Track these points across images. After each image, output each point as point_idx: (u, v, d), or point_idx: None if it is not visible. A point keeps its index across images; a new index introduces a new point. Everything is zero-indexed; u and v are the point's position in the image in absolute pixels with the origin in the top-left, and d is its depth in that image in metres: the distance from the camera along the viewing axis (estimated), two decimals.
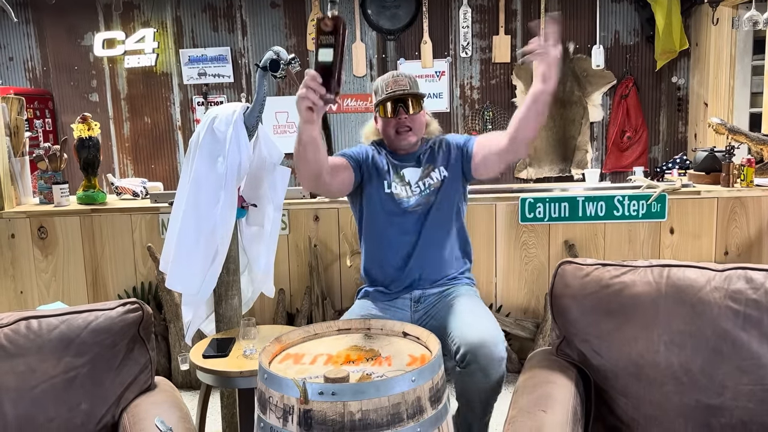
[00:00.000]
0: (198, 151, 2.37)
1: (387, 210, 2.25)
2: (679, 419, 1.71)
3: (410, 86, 2.23)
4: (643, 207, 3.30)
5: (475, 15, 5.38)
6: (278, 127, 5.59)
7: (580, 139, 5.37)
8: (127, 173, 5.84)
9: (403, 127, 2.23)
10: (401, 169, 2.29)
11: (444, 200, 2.26)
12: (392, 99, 2.21)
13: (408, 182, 2.27)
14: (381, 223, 2.28)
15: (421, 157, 2.31)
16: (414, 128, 2.25)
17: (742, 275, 1.74)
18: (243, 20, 5.58)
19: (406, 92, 2.21)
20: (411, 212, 2.24)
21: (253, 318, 2.25)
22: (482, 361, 1.89)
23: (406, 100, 2.21)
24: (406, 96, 2.21)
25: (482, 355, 1.89)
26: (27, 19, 5.69)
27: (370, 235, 2.33)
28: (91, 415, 1.75)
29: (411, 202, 2.25)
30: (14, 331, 1.75)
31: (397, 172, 2.29)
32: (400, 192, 2.26)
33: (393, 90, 2.21)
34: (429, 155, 2.31)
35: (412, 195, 2.26)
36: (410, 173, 2.29)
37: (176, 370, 3.39)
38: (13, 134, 3.60)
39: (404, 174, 2.29)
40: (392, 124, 2.24)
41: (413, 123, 2.24)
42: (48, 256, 3.46)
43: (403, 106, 2.22)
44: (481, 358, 1.89)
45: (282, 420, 1.46)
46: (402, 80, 2.23)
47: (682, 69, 5.32)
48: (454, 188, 2.29)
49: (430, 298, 2.26)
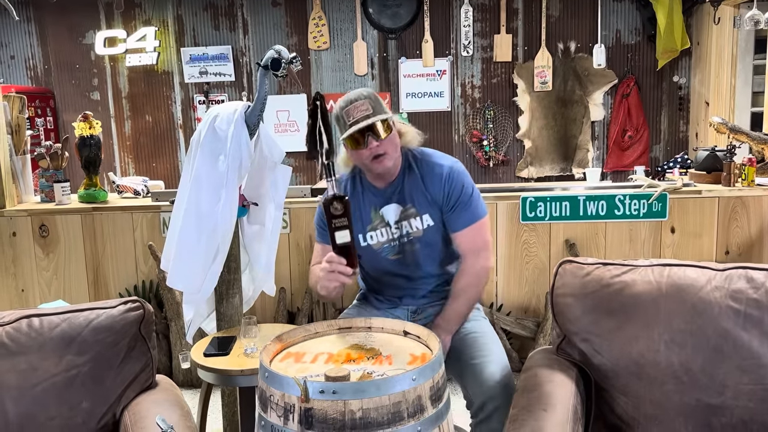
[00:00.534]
0: (199, 150, 2.37)
1: (369, 258, 2.14)
2: (679, 418, 1.71)
3: (372, 108, 1.96)
4: (644, 206, 3.30)
5: (476, 14, 5.37)
6: (279, 126, 5.59)
7: (581, 138, 5.37)
8: (128, 172, 5.84)
9: (376, 155, 1.97)
10: (380, 207, 2.09)
11: (428, 243, 2.09)
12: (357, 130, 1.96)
13: (387, 222, 2.09)
14: (367, 264, 2.18)
15: (403, 191, 2.07)
16: (389, 152, 1.99)
17: (742, 275, 1.74)
18: (244, 19, 5.58)
19: (369, 118, 1.94)
20: (394, 259, 2.11)
21: (254, 316, 2.25)
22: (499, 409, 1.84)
23: (373, 127, 1.95)
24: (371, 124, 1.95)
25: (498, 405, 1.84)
26: (28, 17, 5.70)
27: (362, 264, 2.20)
28: (92, 413, 1.75)
29: (391, 251, 2.10)
30: (16, 329, 1.76)
31: (376, 211, 2.09)
32: (378, 239, 2.09)
33: (355, 118, 1.95)
34: (411, 191, 2.06)
35: (391, 241, 2.08)
36: (389, 212, 2.08)
37: (177, 368, 3.39)
38: (14, 132, 3.60)
39: (383, 214, 2.09)
40: (364, 155, 1.98)
41: (387, 147, 1.98)
42: (49, 255, 3.46)
43: (372, 134, 1.95)
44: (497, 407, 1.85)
45: (283, 418, 1.46)
46: (361, 105, 1.96)
47: (684, 68, 5.31)
48: (442, 233, 2.09)
49: (428, 310, 2.18)
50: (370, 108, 1.96)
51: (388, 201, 2.08)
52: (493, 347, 2.01)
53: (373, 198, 2.10)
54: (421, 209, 2.06)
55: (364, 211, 2.10)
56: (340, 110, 2.00)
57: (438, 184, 2.05)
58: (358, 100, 1.97)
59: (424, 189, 2.06)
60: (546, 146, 5.41)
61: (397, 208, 2.08)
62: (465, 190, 2.05)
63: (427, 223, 2.06)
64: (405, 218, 2.07)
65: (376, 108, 1.97)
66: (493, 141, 5.47)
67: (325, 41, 5.50)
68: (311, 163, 5.67)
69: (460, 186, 2.05)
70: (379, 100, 2.01)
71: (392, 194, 2.08)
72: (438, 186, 2.05)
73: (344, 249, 1.83)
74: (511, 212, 3.36)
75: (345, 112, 1.98)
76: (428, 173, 2.07)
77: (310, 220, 3.39)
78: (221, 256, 2.43)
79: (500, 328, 3.39)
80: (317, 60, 5.56)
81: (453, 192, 2.04)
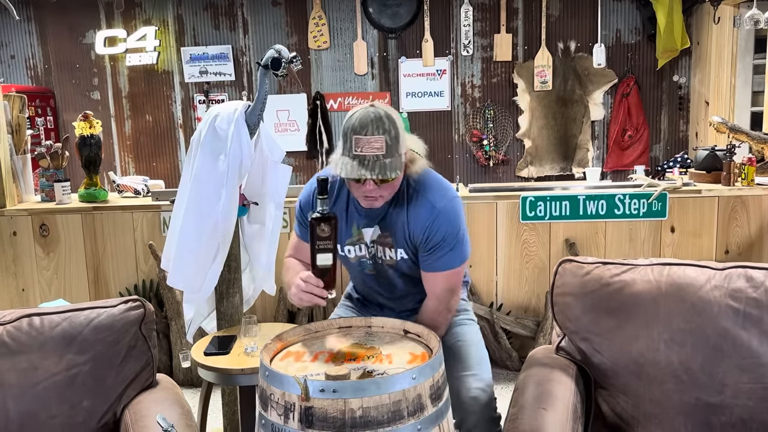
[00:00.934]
0: (200, 149, 2.37)
1: (349, 265, 2.05)
2: (679, 417, 1.71)
3: (387, 149, 1.70)
4: (643, 206, 3.31)
5: (476, 13, 5.38)
6: (279, 125, 5.59)
7: (581, 137, 5.37)
8: (128, 171, 5.84)
9: (370, 194, 1.78)
10: (361, 226, 1.92)
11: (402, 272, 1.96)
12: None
13: (364, 242, 1.93)
14: (348, 270, 2.11)
15: (386, 216, 1.88)
16: (384, 196, 1.80)
17: (742, 274, 1.75)
18: (244, 18, 5.58)
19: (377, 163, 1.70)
20: (370, 274, 2.01)
21: (254, 316, 2.25)
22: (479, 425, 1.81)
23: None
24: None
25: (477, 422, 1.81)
26: (29, 17, 5.70)
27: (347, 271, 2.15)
28: (93, 412, 1.75)
29: (368, 266, 1.98)
30: (17, 328, 1.76)
31: (358, 228, 1.93)
32: (356, 253, 1.97)
33: (360, 154, 1.70)
34: (393, 222, 1.88)
35: (367, 258, 1.96)
36: (367, 233, 1.92)
37: (177, 367, 3.40)
38: (15, 132, 3.60)
39: (363, 232, 1.93)
40: (358, 190, 1.79)
41: (384, 192, 1.78)
42: (50, 254, 3.47)
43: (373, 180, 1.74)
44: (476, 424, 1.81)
45: (283, 417, 1.46)
46: (375, 142, 1.69)
47: (684, 68, 5.32)
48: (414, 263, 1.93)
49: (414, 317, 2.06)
50: (384, 148, 1.70)
51: (369, 223, 1.91)
52: (476, 360, 1.92)
53: (357, 215, 1.92)
54: (398, 243, 1.89)
55: (347, 223, 1.94)
56: (351, 131, 1.72)
57: (421, 225, 1.84)
58: (374, 135, 1.69)
59: (406, 224, 1.86)
60: (546, 146, 5.41)
61: (377, 230, 1.91)
62: (448, 236, 1.85)
63: (401, 256, 1.91)
64: (381, 244, 1.91)
65: (390, 148, 1.71)
66: (493, 140, 5.47)
67: (325, 41, 5.51)
68: (311, 162, 5.67)
69: (443, 231, 1.84)
70: (398, 135, 1.73)
71: (375, 218, 1.90)
72: (420, 227, 1.85)
73: (324, 271, 1.75)
74: (511, 212, 3.37)
75: (355, 139, 1.71)
76: (415, 209, 1.86)
77: None
78: (221, 256, 2.43)
79: (500, 327, 3.40)
80: (317, 59, 5.56)
81: (433, 238, 1.84)
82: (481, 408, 1.81)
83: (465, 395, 1.83)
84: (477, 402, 1.81)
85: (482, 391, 1.83)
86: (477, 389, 1.83)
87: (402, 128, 1.77)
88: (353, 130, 1.71)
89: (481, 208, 3.35)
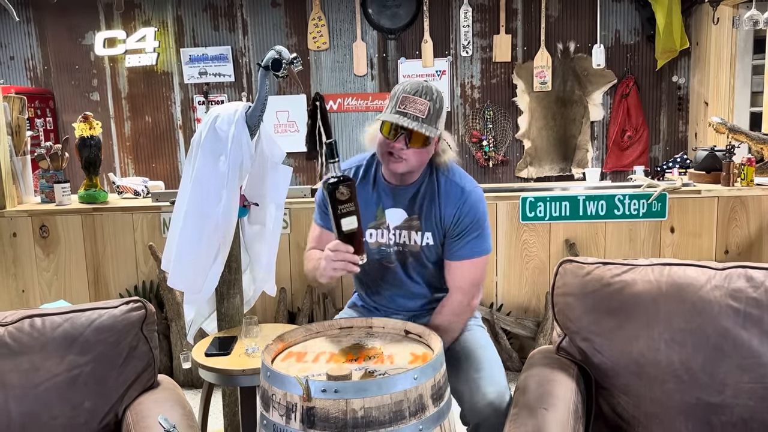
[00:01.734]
0: (200, 151, 2.37)
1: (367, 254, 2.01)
2: (679, 417, 1.71)
3: (428, 115, 1.80)
4: (643, 206, 3.31)
5: (475, 14, 5.38)
6: (279, 126, 5.59)
7: (581, 138, 5.37)
8: (128, 172, 5.84)
9: (396, 154, 1.84)
10: (386, 206, 1.96)
11: (421, 262, 1.98)
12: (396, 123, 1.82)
13: (387, 226, 1.96)
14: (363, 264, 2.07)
15: (414, 200, 1.94)
16: (409, 161, 1.85)
17: (742, 274, 1.75)
18: (244, 19, 5.58)
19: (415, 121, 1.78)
20: (388, 266, 2.00)
21: (255, 316, 2.25)
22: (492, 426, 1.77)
23: (411, 132, 1.81)
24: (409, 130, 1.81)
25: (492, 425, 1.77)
26: (28, 18, 5.70)
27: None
28: (95, 412, 1.75)
29: (389, 257, 1.99)
30: (18, 329, 1.76)
31: (382, 211, 1.96)
32: (377, 240, 1.97)
33: (403, 111, 1.79)
34: (422, 204, 1.93)
35: (390, 246, 1.97)
36: (392, 214, 1.96)
37: (178, 368, 3.40)
38: (14, 133, 3.61)
39: (387, 214, 1.96)
40: (386, 145, 1.85)
41: (410, 156, 1.84)
42: (50, 255, 3.47)
43: (405, 135, 1.81)
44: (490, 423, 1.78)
45: (285, 417, 1.46)
46: (421, 104, 1.80)
47: (683, 68, 5.33)
48: (440, 253, 1.97)
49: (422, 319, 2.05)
50: (425, 113, 1.79)
51: (396, 204, 1.95)
52: (488, 363, 1.92)
53: (383, 195, 1.97)
54: (426, 226, 1.93)
55: (369, 205, 1.96)
56: (402, 91, 1.82)
57: (452, 205, 1.91)
58: (422, 97, 1.80)
59: (437, 203, 1.92)
60: (545, 146, 5.41)
61: (403, 214, 1.95)
62: (478, 220, 1.91)
63: (427, 242, 1.94)
64: (407, 228, 1.95)
65: (431, 117, 1.80)
66: (493, 141, 5.47)
67: (324, 42, 5.51)
68: (311, 163, 5.68)
69: (474, 214, 1.91)
70: (440, 110, 1.85)
71: (403, 198, 1.95)
72: (452, 207, 1.91)
73: (350, 236, 1.71)
74: (511, 212, 3.37)
75: (403, 97, 1.81)
76: (446, 190, 1.93)
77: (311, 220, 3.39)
78: (222, 257, 2.43)
79: (500, 328, 3.40)
80: (317, 60, 5.57)
81: (464, 218, 1.90)
82: (498, 414, 1.76)
83: (480, 400, 1.79)
84: (492, 407, 1.77)
85: (499, 395, 1.79)
86: (493, 393, 1.79)
87: (445, 110, 1.88)
88: (403, 90, 1.82)
89: None
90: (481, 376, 1.86)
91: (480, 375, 1.86)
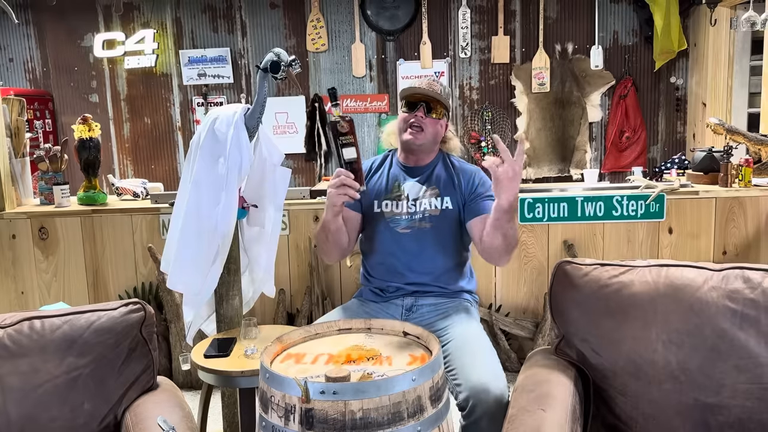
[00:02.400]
0: (199, 152, 2.38)
1: (378, 228, 2.20)
2: (677, 418, 1.72)
3: (441, 93, 2.16)
4: (641, 207, 3.32)
5: (474, 15, 5.39)
6: (278, 128, 5.60)
7: (579, 139, 5.38)
8: (127, 174, 5.85)
9: (415, 124, 2.14)
10: (404, 181, 2.21)
11: (440, 227, 2.16)
12: (416, 95, 2.15)
13: (406, 196, 2.19)
14: (374, 236, 2.22)
15: (431, 175, 2.21)
16: (426, 131, 2.15)
17: (739, 275, 1.75)
18: (242, 21, 5.59)
19: (432, 93, 2.13)
20: (402, 233, 2.16)
21: (254, 318, 2.26)
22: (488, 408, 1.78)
23: (429, 101, 2.14)
24: (429, 98, 2.14)
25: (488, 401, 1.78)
26: (27, 20, 5.70)
27: (366, 243, 2.29)
28: (94, 414, 1.76)
29: (402, 224, 2.16)
30: (17, 331, 1.76)
31: (398, 184, 2.21)
32: (393, 210, 2.18)
33: (422, 85, 2.15)
34: (439, 177, 2.20)
35: (405, 214, 2.17)
36: (410, 187, 2.20)
37: (177, 370, 3.40)
38: (13, 135, 3.61)
39: (404, 188, 2.20)
40: (407, 117, 2.16)
41: (427, 126, 2.14)
42: (49, 257, 3.47)
43: (425, 106, 2.13)
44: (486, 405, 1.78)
45: (284, 419, 1.47)
46: (436, 85, 2.17)
47: (681, 69, 5.34)
48: (454, 218, 2.18)
49: (423, 308, 2.18)
50: (439, 92, 2.14)
51: (413, 178, 2.20)
52: (485, 351, 1.97)
53: (400, 172, 2.23)
54: (445, 191, 2.17)
55: (389, 181, 2.21)
56: (417, 80, 2.20)
57: (468, 175, 2.20)
58: (435, 83, 2.17)
59: (454, 177, 2.19)
60: (544, 147, 5.42)
61: (420, 187, 2.18)
62: (489, 189, 2.12)
63: (446, 205, 2.15)
64: (425, 197, 2.17)
65: (444, 99, 2.15)
66: (492, 142, 5.48)
67: (323, 43, 5.52)
68: (310, 164, 5.69)
69: (487, 182, 2.15)
70: (448, 97, 2.22)
71: (419, 175, 2.20)
72: (467, 176, 2.19)
73: (351, 165, 1.95)
74: None
75: (418, 82, 2.16)
76: (461, 167, 2.23)
77: (310, 221, 3.40)
78: (221, 258, 2.43)
79: (499, 328, 3.40)
80: (315, 62, 5.57)
81: (479, 185, 2.17)
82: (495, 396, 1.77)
83: (476, 381, 1.80)
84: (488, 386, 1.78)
85: (495, 376, 1.82)
86: (489, 375, 1.82)
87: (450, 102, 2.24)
88: (419, 79, 2.22)
89: None
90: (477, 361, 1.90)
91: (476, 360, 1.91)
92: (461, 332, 2.05)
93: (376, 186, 2.23)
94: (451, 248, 2.19)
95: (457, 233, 2.19)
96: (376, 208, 2.19)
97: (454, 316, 2.14)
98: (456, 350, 1.97)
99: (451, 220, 2.16)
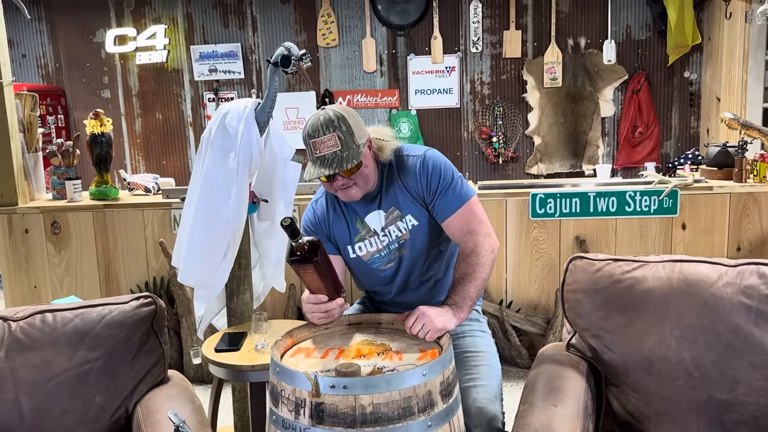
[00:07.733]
0: (210, 147, 2.38)
1: (361, 272, 2.05)
2: (690, 414, 1.70)
3: (341, 142, 1.78)
4: (654, 202, 3.29)
5: (485, 10, 5.36)
6: (288, 123, 5.60)
7: (591, 134, 5.35)
8: (138, 169, 5.87)
9: (342, 188, 1.87)
10: (364, 216, 1.97)
11: (415, 246, 1.97)
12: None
13: (374, 231, 1.96)
14: (360, 277, 2.09)
15: (384, 196, 1.95)
16: (359, 183, 1.86)
17: (754, 270, 1.73)
18: (253, 16, 5.59)
19: (335, 160, 1.79)
20: (386, 269, 2.00)
21: (264, 312, 2.26)
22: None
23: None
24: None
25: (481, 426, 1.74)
26: (39, 16, 5.74)
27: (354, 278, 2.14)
28: (105, 407, 1.77)
29: (382, 261, 1.99)
30: (30, 324, 1.78)
31: (361, 222, 1.98)
32: (367, 250, 1.98)
33: (322, 154, 1.80)
34: (392, 194, 1.95)
35: (381, 250, 1.97)
36: (373, 219, 1.96)
37: (188, 364, 3.41)
38: (26, 130, 3.63)
39: (367, 222, 1.97)
40: (331, 187, 1.88)
41: (356, 180, 1.85)
42: (61, 251, 3.49)
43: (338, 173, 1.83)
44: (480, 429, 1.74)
45: (294, 413, 1.47)
46: (329, 140, 1.79)
47: (695, 64, 5.28)
48: (427, 230, 1.97)
49: None
50: (338, 143, 1.78)
51: (370, 209, 1.96)
52: (485, 371, 1.87)
53: (355, 208, 1.98)
54: (405, 210, 1.94)
55: (349, 222, 1.99)
56: (308, 137, 1.82)
57: (414, 176, 1.93)
58: (326, 133, 1.79)
59: (403, 187, 1.94)
60: (556, 143, 5.39)
61: (381, 214, 1.96)
62: (444, 174, 1.91)
63: (412, 223, 1.94)
64: (391, 222, 1.95)
65: (346, 140, 1.79)
66: (503, 138, 5.45)
67: (333, 38, 5.51)
68: None
69: (437, 172, 1.91)
70: (350, 127, 1.81)
71: (373, 201, 1.96)
72: (414, 178, 1.92)
73: (317, 288, 1.72)
74: (521, 209, 3.36)
75: (312, 143, 1.81)
76: (403, 169, 1.95)
77: None
78: (232, 253, 2.44)
79: (510, 325, 3.39)
80: (326, 57, 5.56)
81: (431, 179, 1.91)
82: (487, 420, 1.73)
83: (471, 405, 1.76)
84: (482, 414, 1.74)
85: (489, 402, 1.76)
86: (485, 400, 1.77)
87: (356, 122, 1.85)
88: (309, 136, 1.82)
89: (490, 206, 3.34)
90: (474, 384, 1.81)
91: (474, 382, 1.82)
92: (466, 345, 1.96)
93: (340, 233, 2.00)
94: (434, 256, 2.02)
95: (433, 239, 1.99)
96: (352, 254, 2.00)
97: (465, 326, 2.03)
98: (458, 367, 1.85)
99: (423, 234, 1.96)
